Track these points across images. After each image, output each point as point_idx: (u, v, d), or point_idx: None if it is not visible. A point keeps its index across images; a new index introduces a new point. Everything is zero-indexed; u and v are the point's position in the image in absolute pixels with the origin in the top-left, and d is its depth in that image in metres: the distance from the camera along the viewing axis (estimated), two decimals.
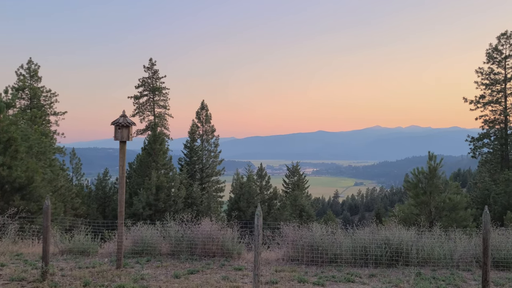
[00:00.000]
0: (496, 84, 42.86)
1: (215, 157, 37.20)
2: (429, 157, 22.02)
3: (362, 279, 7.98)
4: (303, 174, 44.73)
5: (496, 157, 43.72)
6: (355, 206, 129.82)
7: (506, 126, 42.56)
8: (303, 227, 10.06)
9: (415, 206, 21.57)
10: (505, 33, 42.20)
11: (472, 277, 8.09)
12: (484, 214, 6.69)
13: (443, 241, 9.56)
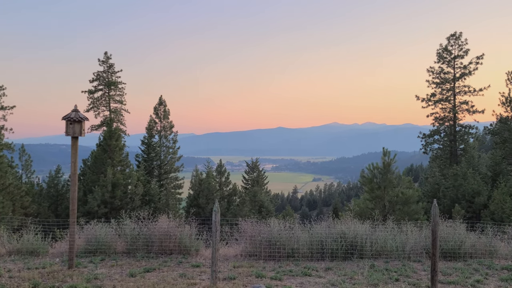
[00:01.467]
0: (446, 83, 44.81)
1: (174, 154, 36.66)
2: (383, 153, 22.71)
3: (318, 272, 8.12)
4: (262, 170, 44.96)
5: (445, 152, 45.78)
6: (314, 201, 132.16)
7: (455, 123, 44.62)
8: (262, 222, 10.11)
9: (370, 200, 22.21)
10: (454, 34, 44.18)
11: (422, 268, 8.42)
12: (433, 207, 6.96)
13: (396, 234, 9.89)
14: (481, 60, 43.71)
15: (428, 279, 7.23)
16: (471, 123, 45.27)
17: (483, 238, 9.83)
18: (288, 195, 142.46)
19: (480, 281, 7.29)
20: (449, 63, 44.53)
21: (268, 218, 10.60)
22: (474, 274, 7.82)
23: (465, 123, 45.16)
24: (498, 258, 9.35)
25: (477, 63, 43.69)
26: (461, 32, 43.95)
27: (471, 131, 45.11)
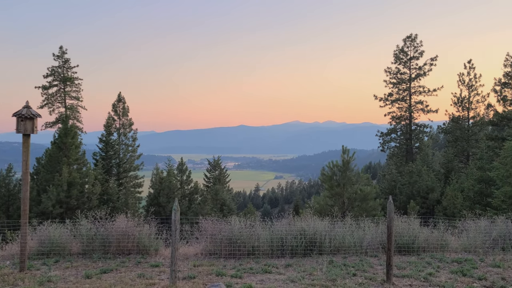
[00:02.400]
0: (402, 83, 46.33)
1: (133, 152, 35.85)
2: (342, 151, 23.19)
3: (278, 269, 8.18)
4: (224, 168, 44.83)
5: (402, 150, 47.35)
6: (275, 198, 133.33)
7: (410, 122, 46.22)
8: (223, 221, 10.07)
9: (329, 197, 22.64)
10: (410, 36, 45.72)
11: (378, 262, 8.67)
12: (388, 204, 7.17)
13: (354, 230, 10.12)
14: (435, 61, 45.51)
15: (383, 273, 7.45)
16: (426, 122, 47.06)
17: (435, 232, 10.23)
18: (250, 193, 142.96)
19: (432, 274, 7.59)
20: (405, 64, 46.07)
21: (229, 216, 10.57)
22: (426, 267, 8.13)
23: (420, 122, 46.87)
24: (449, 251, 9.76)
25: (431, 64, 45.46)
26: (417, 34, 45.54)
27: (425, 130, 46.89)
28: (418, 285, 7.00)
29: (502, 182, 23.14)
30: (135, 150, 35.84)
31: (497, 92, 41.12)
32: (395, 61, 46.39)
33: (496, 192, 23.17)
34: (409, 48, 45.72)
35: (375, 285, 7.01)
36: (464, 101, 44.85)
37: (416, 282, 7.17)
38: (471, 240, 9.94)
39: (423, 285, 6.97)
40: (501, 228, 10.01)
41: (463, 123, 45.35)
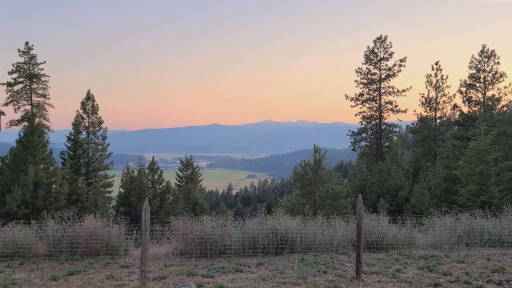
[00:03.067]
0: (373, 83, 47.21)
1: (103, 151, 35.10)
2: (314, 150, 23.41)
3: (250, 268, 8.18)
4: (197, 167, 44.48)
5: (372, 150, 48.26)
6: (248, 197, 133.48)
7: (380, 122, 47.15)
8: (194, 220, 10.00)
9: (301, 196, 22.82)
10: (380, 37, 46.61)
11: (348, 260, 8.80)
12: (358, 202, 7.29)
13: (325, 228, 10.24)
14: (404, 62, 46.58)
15: (353, 270, 7.57)
16: (395, 122, 48.12)
17: (403, 230, 10.48)
18: (223, 192, 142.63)
19: (400, 270, 7.76)
20: (376, 64, 46.95)
21: (201, 216, 10.50)
22: (395, 264, 8.31)
23: (389, 122, 47.88)
24: (416, 248, 10.01)
25: (400, 65, 46.51)
26: (386, 35, 46.51)
27: (395, 130, 47.94)
28: (386, 281, 7.15)
29: (467, 180, 23.90)
30: (104, 149, 35.10)
31: (462, 93, 42.47)
32: (366, 61, 47.23)
33: (462, 190, 23.92)
34: (379, 49, 46.64)
35: (344, 282, 7.11)
36: (432, 101, 46.10)
37: (384, 278, 7.32)
38: (437, 236, 10.23)
39: (391, 281, 7.12)
40: (465, 224, 10.34)
41: (430, 123, 46.61)
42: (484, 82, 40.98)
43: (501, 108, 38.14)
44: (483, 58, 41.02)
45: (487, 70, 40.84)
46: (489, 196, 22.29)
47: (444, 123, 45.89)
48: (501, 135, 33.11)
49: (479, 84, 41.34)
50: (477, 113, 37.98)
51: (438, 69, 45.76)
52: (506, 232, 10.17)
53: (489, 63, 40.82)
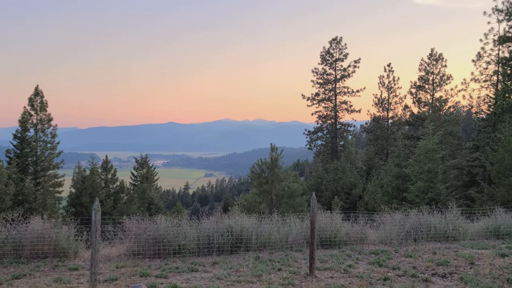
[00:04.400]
0: (328, 83, 48.22)
1: (53, 149, 33.60)
2: (271, 148, 23.59)
3: (205, 267, 8.12)
4: (152, 166, 43.65)
5: (327, 148, 49.29)
6: (205, 197, 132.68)
7: (336, 121, 48.25)
8: (148, 220, 9.80)
9: (258, 194, 22.93)
10: (335, 38, 47.67)
11: (303, 257, 8.93)
12: (311, 200, 7.41)
13: (280, 226, 10.34)
14: (358, 63, 47.90)
15: (307, 267, 7.68)
16: (350, 122, 49.43)
17: (356, 226, 10.77)
18: (180, 191, 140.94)
19: (352, 266, 7.97)
20: (331, 65, 47.96)
21: (157, 215, 10.31)
22: (347, 260, 8.52)
23: (344, 121, 49.12)
24: (368, 243, 10.32)
25: (355, 66, 47.77)
26: (341, 37, 47.63)
27: (349, 129, 49.23)
28: (338, 276, 7.31)
29: (416, 178, 24.92)
30: (54, 148, 33.62)
31: (413, 94, 44.25)
32: (322, 62, 48.18)
33: (411, 188, 24.90)
34: (335, 50, 47.70)
35: (298, 278, 7.21)
36: (384, 102, 47.72)
37: (337, 274, 7.48)
38: (388, 232, 10.58)
39: (343, 277, 7.30)
40: (413, 220, 10.77)
41: (383, 123, 48.25)
42: (433, 84, 42.88)
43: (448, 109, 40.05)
44: (431, 61, 42.91)
45: (435, 73, 42.76)
46: (436, 193, 23.34)
47: (395, 123, 47.65)
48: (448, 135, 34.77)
49: (428, 86, 43.21)
50: (426, 113, 39.68)
51: (390, 71, 47.43)
52: (451, 227, 10.68)
53: (437, 65, 42.76)
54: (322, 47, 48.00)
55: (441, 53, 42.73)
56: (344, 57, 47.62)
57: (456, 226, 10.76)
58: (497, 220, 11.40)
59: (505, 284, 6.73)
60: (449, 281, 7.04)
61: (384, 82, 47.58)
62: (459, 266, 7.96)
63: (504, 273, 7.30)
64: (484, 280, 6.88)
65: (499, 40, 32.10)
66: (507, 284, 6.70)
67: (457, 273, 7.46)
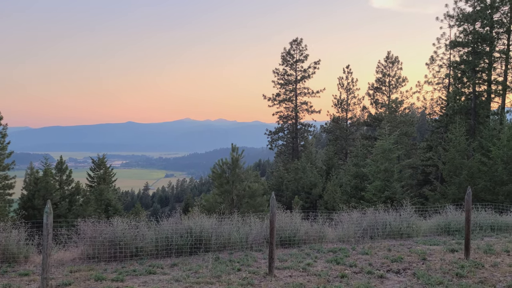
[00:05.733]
0: (289, 84, 48.75)
1: (2, 149, 31.92)
2: (232, 148, 23.55)
3: (163, 269, 7.99)
4: (110, 167, 42.49)
5: (288, 148, 49.82)
6: (166, 197, 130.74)
7: (296, 122, 48.85)
8: (104, 222, 9.52)
9: (219, 195, 22.82)
10: (296, 39, 48.25)
11: (262, 256, 8.96)
12: (271, 200, 7.45)
13: (240, 226, 10.33)
14: (318, 65, 48.72)
15: (266, 267, 7.71)
16: (310, 122, 50.22)
17: (315, 225, 10.93)
18: (139, 192, 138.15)
19: (310, 264, 8.08)
20: (292, 66, 48.52)
21: (115, 217, 10.03)
22: (306, 258, 8.63)
23: (305, 122, 49.84)
24: (326, 242, 10.50)
25: (315, 67, 48.55)
26: (302, 38, 48.30)
27: (309, 129, 49.99)
28: (297, 275, 7.39)
29: (374, 177, 25.63)
30: (4, 148, 31.97)
31: (370, 95, 45.50)
32: (283, 63, 48.65)
33: (369, 187, 25.58)
34: (295, 51, 48.30)
35: (258, 278, 7.22)
36: (343, 103, 48.79)
37: (296, 272, 7.56)
38: (345, 230, 10.81)
39: (302, 275, 7.38)
40: (370, 218, 11.06)
41: (342, 123, 49.32)
42: (389, 86, 44.28)
43: (403, 110, 41.51)
44: (388, 63, 44.31)
45: (391, 75, 44.20)
46: (392, 191, 24.10)
47: (354, 123, 48.85)
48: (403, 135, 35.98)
49: (384, 88, 44.59)
50: (383, 114, 40.94)
51: (349, 73, 48.56)
52: (405, 224, 11.05)
53: (393, 68, 44.21)
54: (283, 48, 48.55)
55: (397, 56, 44.24)
56: (305, 58, 48.32)
57: (410, 224, 11.14)
58: (448, 217, 11.90)
59: (454, 278, 7.03)
60: (403, 276, 7.27)
61: (343, 84, 48.67)
62: (412, 262, 8.24)
63: (453, 268, 7.63)
64: (435, 275, 7.16)
65: (450, 45, 33.58)
66: (456, 278, 7.00)
67: (410, 269, 7.72)
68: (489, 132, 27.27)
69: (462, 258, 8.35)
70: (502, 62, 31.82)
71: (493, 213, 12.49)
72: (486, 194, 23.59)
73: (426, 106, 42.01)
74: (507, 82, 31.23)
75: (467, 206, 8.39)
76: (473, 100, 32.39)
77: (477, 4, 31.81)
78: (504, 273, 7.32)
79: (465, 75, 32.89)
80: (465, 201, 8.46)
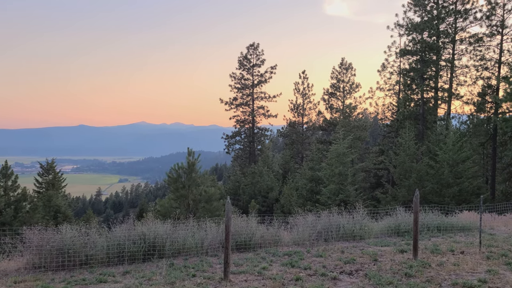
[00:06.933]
0: (246, 88, 48.92)
1: None
2: (188, 153, 23.27)
3: (115, 277, 7.74)
4: (60, 172, 40.80)
5: (245, 152, 49.89)
6: (119, 203, 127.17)
7: (253, 126, 49.03)
8: (52, 229, 9.10)
9: (174, 200, 22.46)
10: (252, 44, 48.56)
11: (218, 261, 8.89)
12: (226, 204, 7.41)
13: (195, 231, 10.19)
14: (275, 70, 49.22)
15: (222, 272, 7.65)
16: (267, 126, 50.59)
17: (271, 229, 10.97)
18: (91, 198, 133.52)
19: (266, 268, 8.10)
20: (249, 70, 48.75)
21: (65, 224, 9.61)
22: (261, 262, 8.64)
23: (262, 126, 50.14)
24: (282, 245, 10.57)
25: (271, 72, 49.03)
26: (259, 43, 48.65)
27: (266, 133, 50.34)
28: (252, 279, 7.38)
29: (328, 180, 26.17)
30: None
31: (325, 100, 46.49)
32: (240, 67, 48.78)
33: (324, 190, 26.08)
34: (252, 55, 48.57)
35: (213, 283, 7.15)
36: (299, 107, 49.56)
37: (251, 277, 7.54)
38: (300, 234, 10.94)
39: (257, 279, 7.38)
40: (324, 221, 11.25)
41: (298, 128, 50.05)
42: (343, 91, 45.43)
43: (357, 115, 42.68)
44: (342, 69, 45.47)
45: (345, 81, 45.37)
46: (346, 194, 24.70)
47: (310, 128, 49.71)
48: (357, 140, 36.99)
49: (339, 93, 45.69)
50: (338, 119, 41.94)
51: (305, 78, 49.42)
52: (358, 226, 11.33)
53: (347, 74, 45.41)
54: (240, 53, 48.68)
55: (351, 62, 45.48)
56: (261, 63, 48.68)
57: (362, 226, 11.44)
58: (398, 219, 12.33)
59: (403, 278, 7.27)
60: (355, 278, 7.44)
61: (299, 89, 49.46)
62: (364, 263, 8.45)
63: (402, 267, 7.90)
64: (385, 275, 7.38)
65: (400, 53, 34.97)
66: (405, 278, 7.25)
67: (362, 270, 7.92)
68: (436, 137, 28.61)
69: (411, 258, 8.66)
70: (448, 70, 33.52)
71: (440, 215, 13.07)
72: (433, 196, 24.68)
73: (378, 112, 43.49)
74: (452, 90, 32.92)
75: (415, 208, 8.73)
76: (421, 106, 33.87)
77: (424, 14, 33.36)
78: (449, 271, 7.66)
79: (414, 82, 34.37)
80: (413, 203, 8.80)
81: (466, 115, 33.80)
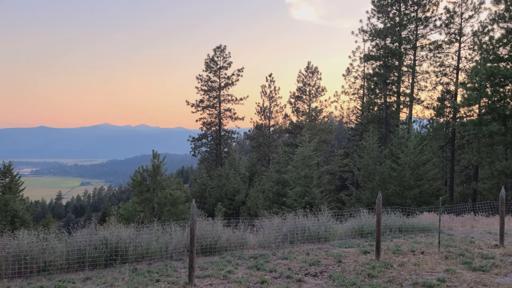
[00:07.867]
0: (213, 90, 48.73)
1: None
2: (153, 155, 22.91)
3: (75, 284, 7.49)
4: (17, 175, 39.19)
5: (212, 155, 49.63)
6: (81, 207, 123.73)
7: (220, 128, 48.87)
8: (8, 235, 8.72)
9: (139, 203, 22.03)
10: (219, 46, 48.46)
11: (183, 266, 8.75)
12: (191, 207, 7.31)
13: (160, 235, 10.00)
14: (242, 72, 49.31)
15: (186, 276, 7.54)
16: (234, 129, 50.56)
17: (237, 232, 10.92)
18: (51, 202, 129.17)
19: (231, 271, 8.04)
20: (215, 72, 48.60)
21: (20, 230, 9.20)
22: (227, 266, 8.58)
23: (228, 129, 50.06)
24: (248, 248, 10.54)
25: (238, 75, 49.08)
26: (225, 45, 48.63)
27: (233, 136, 50.31)
28: (218, 283, 7.31)
29: (294, 183, 26.39)
30: None
31: (292, 104, 46.97)
32: (206, 69, 48.54)
33: (290, 192, 26.29)
34: (219, 58, 48.46)
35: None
36: (266, 110, 49.79)
37: (216, 280, 7.47)
38: (266, 236, 10.95)
39: (222, 283, 7.32)
40: (290, 224, 11.32)
41: (265, 130, 50.27)
42: (309, 95, 46.04)
43: (322, 119, 43.32)
44: (308, 73, 46.09)
45: (311, 84, 46.00)
46: (312, 197, 24.98)
47: (276, 130, 50.05)
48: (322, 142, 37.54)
49: (305, 97, 46.27)
50: (304, 122, 42.43)
51: (272, 81, 49.73)
52: (323, 228, 11.47)
53: (313, 78, 46.06)
54: (207, 55, 48.46)
55: (317, 66, 46.19)
56: (228, 65, 48.64)
57: (327, 228, 11.58)
58: (362, 221, 12.56)
59: (366, 278, 7.40)
60: (320, 279, 7.51)
61: (266, 92, 49.72)
62: (329, 264, 8.55)
63: (366, 268, 8.04)
64: (349, 276, 7.49)
65: (364, 58, 35.83)
66: (368, 279, 7.38)
67: (326, 271, 8.00)
68: (398, 140, 29.43)
69: (374, 259, 8.84)
70: (409, 75, 34.62)
71: (402, 216, 13.42)
72: (395, 198, 25.36)
73: (343, 115, 44.31)
74: (414, 94, 34.01)
75: (378, 209, 8.91)
76: (384, 110, 34.78)
77: (387, 21, 34.33)
78: (410, 271, 7.86)
79: (377, 87, 35.28)
80: (376, 205, 8.98)
81: (427, 119, 35.01)
